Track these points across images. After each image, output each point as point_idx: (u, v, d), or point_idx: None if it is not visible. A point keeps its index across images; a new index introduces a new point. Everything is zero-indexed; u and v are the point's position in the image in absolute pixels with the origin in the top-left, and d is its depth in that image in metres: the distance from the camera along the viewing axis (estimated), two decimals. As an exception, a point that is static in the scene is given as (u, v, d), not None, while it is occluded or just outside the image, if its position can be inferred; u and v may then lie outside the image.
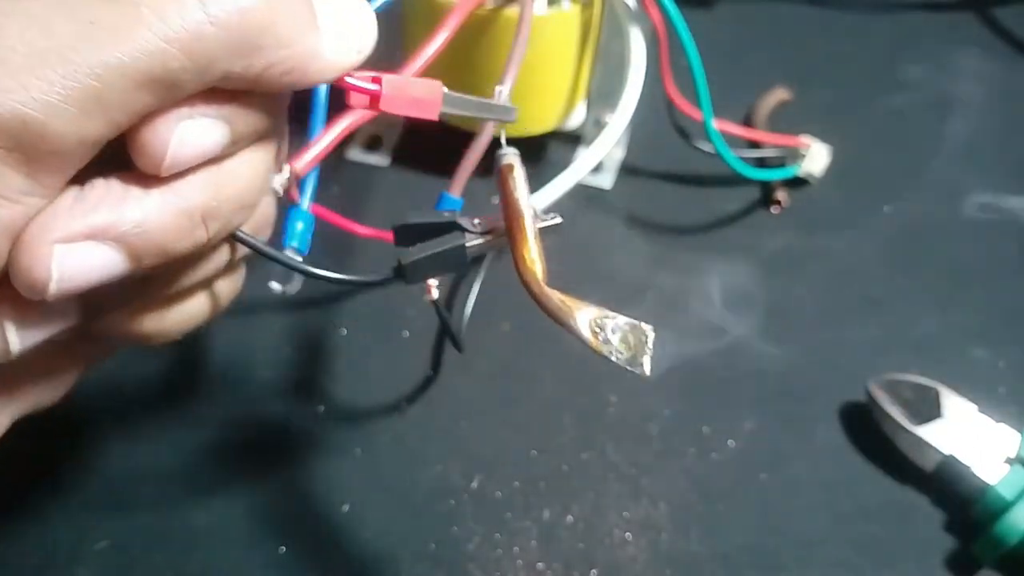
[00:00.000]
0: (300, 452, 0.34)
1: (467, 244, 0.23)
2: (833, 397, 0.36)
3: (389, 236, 0.35)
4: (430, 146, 0.39)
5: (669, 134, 0.42)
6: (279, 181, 0.28)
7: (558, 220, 0.23)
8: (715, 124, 0.39)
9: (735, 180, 0.42)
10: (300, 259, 0.23)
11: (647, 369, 0.19)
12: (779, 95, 0.48)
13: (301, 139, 0.29)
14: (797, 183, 0.44)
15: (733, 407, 0.36)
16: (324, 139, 0.28)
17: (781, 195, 0.43)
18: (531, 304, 0.21)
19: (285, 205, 0.30)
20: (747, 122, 0.46)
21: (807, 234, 0.43)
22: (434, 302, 0.31)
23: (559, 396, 0.37)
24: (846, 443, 0.35)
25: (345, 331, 0.38)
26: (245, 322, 0.38)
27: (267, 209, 0.24)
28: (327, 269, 0.41)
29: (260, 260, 0.29)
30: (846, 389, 0.36)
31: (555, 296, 0.20)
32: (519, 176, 0.23)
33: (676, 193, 0.44)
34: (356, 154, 0.45)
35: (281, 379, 0.36)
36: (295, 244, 0.30)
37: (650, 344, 0.19)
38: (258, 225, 0.23)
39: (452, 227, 0.23)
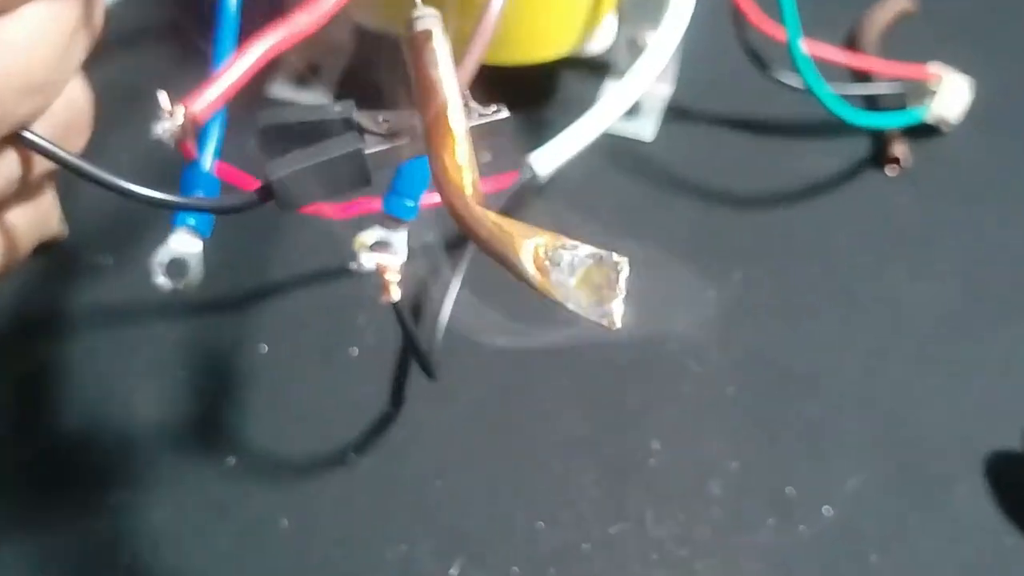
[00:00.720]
0: (200, 524, 0.34)
1: (367, 150, 0.23)
2: (975, 445, 0.36)
3: (327, 210, 0.35)
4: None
5: (737, 62, 0.42)
6: (167, 128, 0.28)
7: (503, 114, 0.23)
8: (805, 47, 0.39)
9: (833, 128, 0.42)
10: (108, 174, 0.23)
11: (616, 319, 0.19)
12: (898, 4, 0.47)
13: (201, 69, 0.29)
14: (923, 132, 0.44)
15: (830, 458, 0.36)
16: (234, 69, 0.28)
17: (900, 150, 0.43)
18: (532, 305, 0.21)
19: (180, 164, 0.30)
20: (852, 44, 0.47)
21: (937, 205, 0.42)
22: (395, 305, 0.31)
23: (577, 441, 0.36)
24: (994, 510, 0.35)
25: (266, 348, 0.38)
26: (119, 335, 0.38)
27: (77, 106, 0.24)
28: (241, 254, 0.40)
29: (145, 251, 0.29)
30: (995, 433, 0.36)
31: (489, 219, 0.20)
32: (440, 47, 0.22)
33: (745, 147, 0.44)
34: (282, 90, 0.45)
35: (172, 418, 0.36)
36: (191, 222, 0.30)
37: (621, 283, 0.19)
38: (61, 127, 0.23)
39: (344, 126, 0.23)
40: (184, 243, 0.32)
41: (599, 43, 0.44)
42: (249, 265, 0.40)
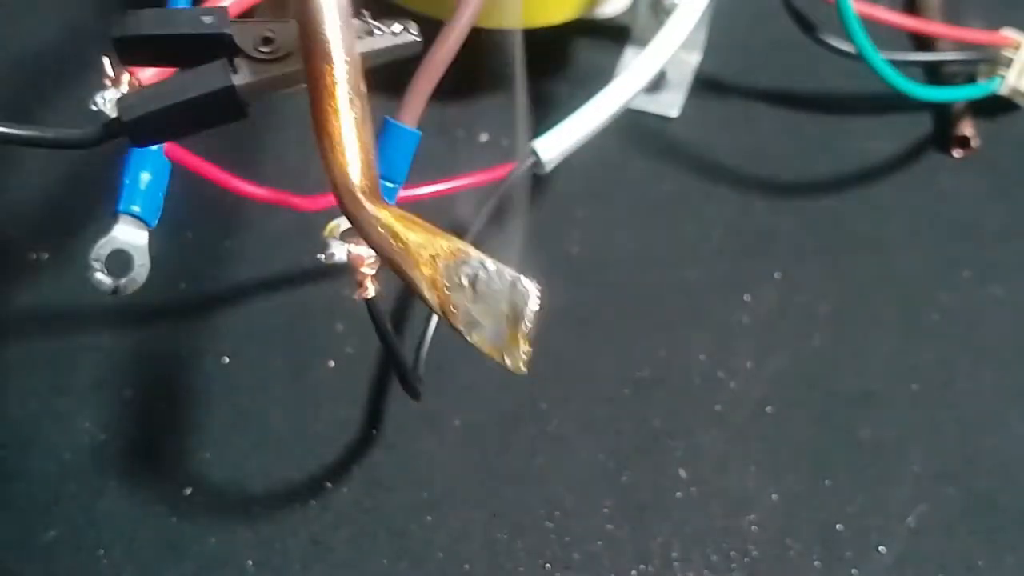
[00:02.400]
0: (151, 566, 0.34)
1: (240, 82, 0.22)
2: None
3: (296, 201, 0.34)
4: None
5: (778, 24, 0.41)
6: (111, 98, 0.28)
7: (413, 38, 0.22)
8: (857, 7, 0.39)
9: (890, 103, 0.42)
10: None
11: (520, 359, 0.18)
12: (965, -41, 0.47)
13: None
14: (996, 108, 0.43)
15: (886, 490, 0.36)
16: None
17: (969, 128, 0.43)
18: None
19: (122, 145, 0.29)
20: (912, 5, 0.46)
21: (1013, 194, 0.42)
22: (369, 303, 0.31)
23: (590, 469, 0.36)
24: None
25: (228, 359, 0.38)
26: (56, 344, 0.38)
27: None
28: (198, 248, 0.40)
29: (87, 243, 0.29)
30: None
31: (382, 218, 0.19)
32: None
33: (787, 125, 0.44)
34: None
35: (118, 443, 0.36)
36: (136, 209, 0.30)
37: (530, 317, 0.18)
38: None
39: (215, 43, 0.22)
40: (127, 233, 0.32)
41: (615, 5, 0.43)
42: (208, 261, 0.39)
